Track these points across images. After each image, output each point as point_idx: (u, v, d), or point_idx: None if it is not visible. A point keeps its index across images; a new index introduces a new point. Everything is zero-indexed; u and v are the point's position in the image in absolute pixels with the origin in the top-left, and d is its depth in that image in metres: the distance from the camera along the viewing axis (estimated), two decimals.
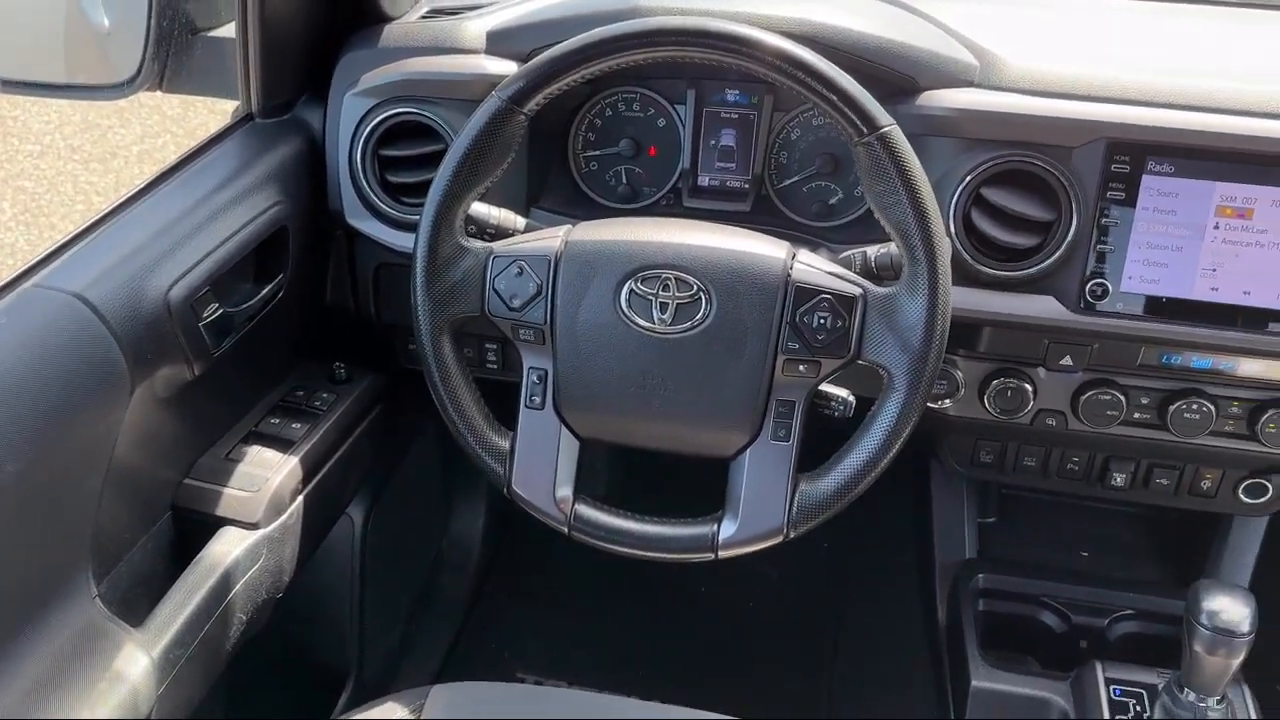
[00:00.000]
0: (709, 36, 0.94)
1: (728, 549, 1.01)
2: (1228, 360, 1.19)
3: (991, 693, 1.37)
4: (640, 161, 1.32)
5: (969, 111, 1.11)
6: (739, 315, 0.97)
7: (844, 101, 0.93)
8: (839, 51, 1.10)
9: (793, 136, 1.29)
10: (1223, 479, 1.34)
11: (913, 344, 0.95)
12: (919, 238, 0.94)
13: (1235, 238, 1.09)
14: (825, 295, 0.97)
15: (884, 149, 0.93)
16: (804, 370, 0.98)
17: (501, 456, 1.04)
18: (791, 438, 0.99)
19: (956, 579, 1.55)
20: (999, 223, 1.12)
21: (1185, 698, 1.17)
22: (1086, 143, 1.09)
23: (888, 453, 0.98)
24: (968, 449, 1.42)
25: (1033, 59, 1.17)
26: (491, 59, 1.24)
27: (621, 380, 1.00)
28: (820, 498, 0.99)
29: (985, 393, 1.27)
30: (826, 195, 1.29)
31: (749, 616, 1.95)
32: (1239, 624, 1.11)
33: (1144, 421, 1.25)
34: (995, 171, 1.11)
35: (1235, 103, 1.10)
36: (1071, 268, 1.12)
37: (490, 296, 1.02)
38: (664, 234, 1.00)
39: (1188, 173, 1.09)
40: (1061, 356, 1.22)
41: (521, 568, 2.03)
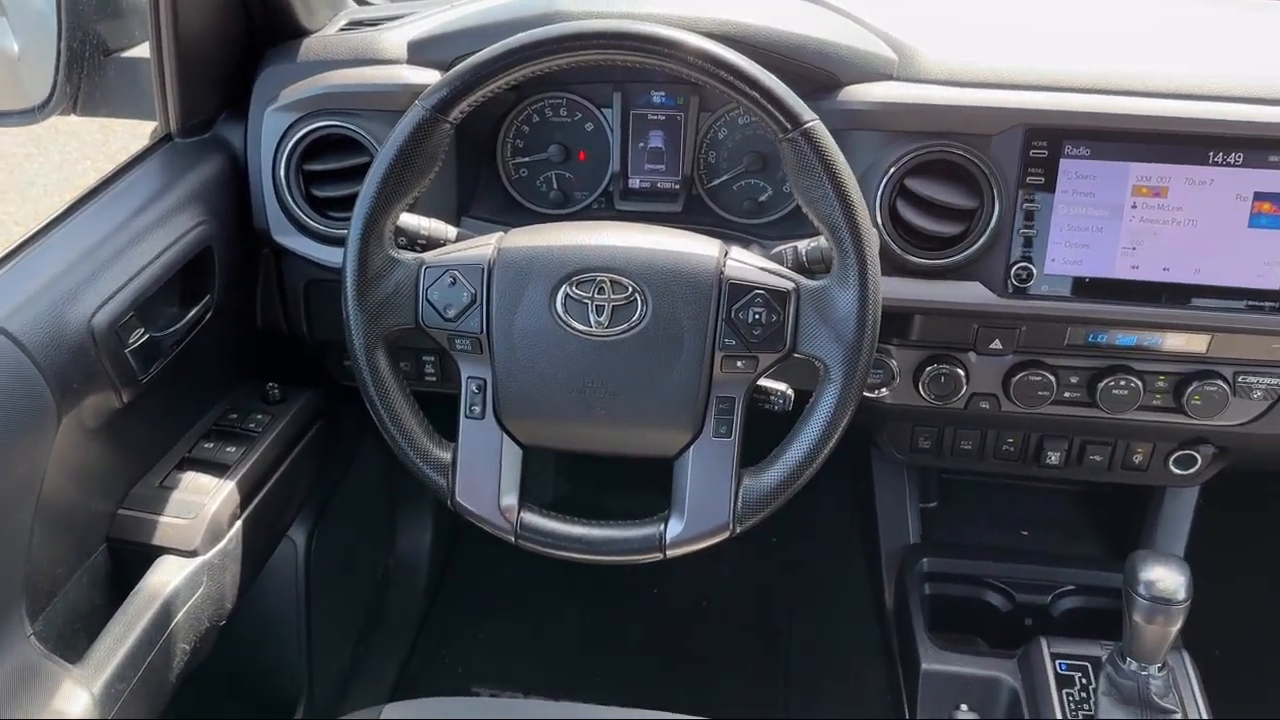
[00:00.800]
0: (631, 39, 0.94)
1: (676, 548, 1.01)
2: (1152, 336, 1.22)
3: (941, 674, 1.39)
4: (570, 166, 1.32)
5: (889, 104, 1.13)
6: (675, 315, 0.98)
7: (767, 99, 0.94)
8: (760, 50, 1.11)
9: (720, 136, 1.30)
10: (1153, 452, 1.37)
11: (846, 335, 0.97)
12: (847, 230, 0.95)
13: (1152, 216, 1.13)
14: (759, 291, 0.98)
15: (808, 144, 0.94)
16: (742, 366, 0.99)
17: (443, 468, 1.03)
18: (733, 434, 1.00)
19: (902, 564, 1.58)
20: (924, 212, 1.14)
21: (1128, 667, 1.20)
22: (1004, 130, 1.11)
23: (827, 443, 0.99)
24: (906, 436, 1.44)
25: (950, 50, 1.19)
26: (414, 69, 1.23)
27: (561, 385, 0.99)
28: (764, 491, 1.00)
29: (920, 379, 1.29)
30: (756, 192, 1.31)
31: (702, 615, 1.96)
32: (1175, 592, 1.14)
33: (1074, 400, 1.28)
34: (918, 162, 1.13)
35: (1147, 85, 1.13)
36: (996, 253, 1.15)
37: (424, 308, 1.01)
38: (597, 237, 1.00)
39: (1104, 155, 1.12)
40: (991, 340, 1.24)
41: (471, 581, 2.02)
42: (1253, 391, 1.24)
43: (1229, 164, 1.10)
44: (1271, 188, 1.10)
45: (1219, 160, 1.10)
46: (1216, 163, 1.10)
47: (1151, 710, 1.19)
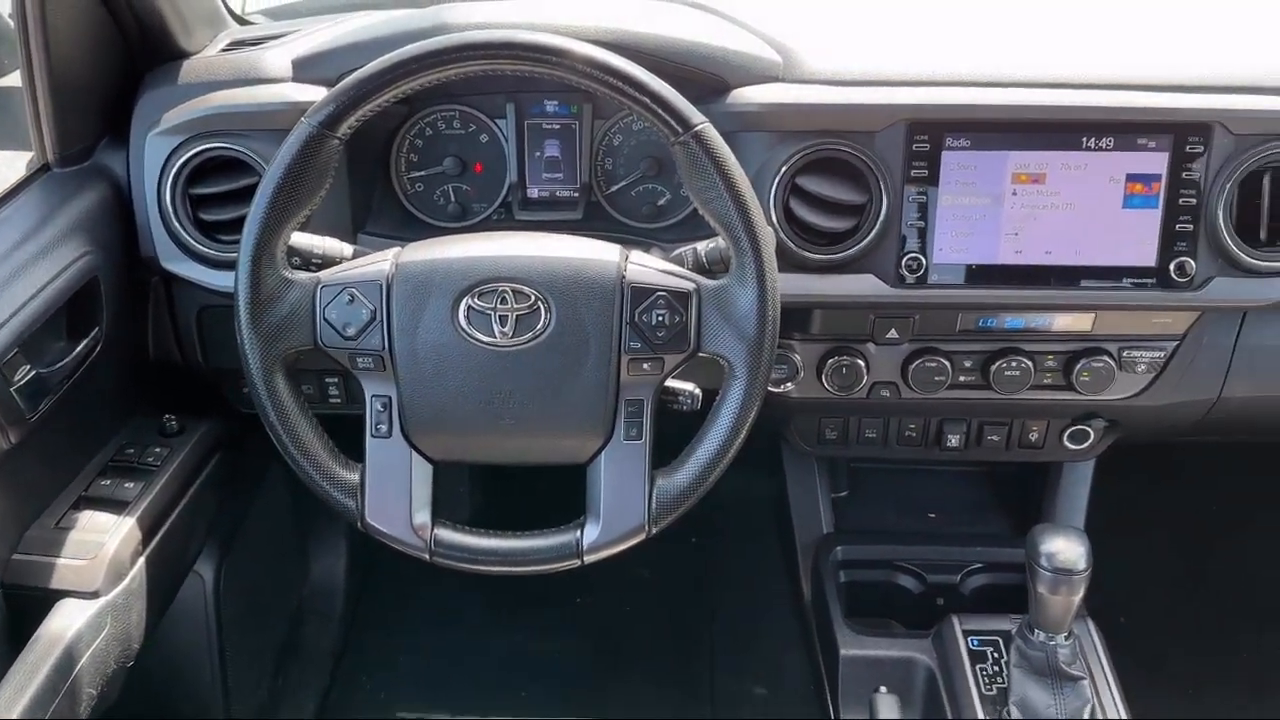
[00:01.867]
0: (518, 48, 0.94)
1: (593, 553, 1.02)
2: (1039, 317, 1.27)
3: (860, 659, 1.42)
4: (467, 178, 1.32)
5: (776, 106, 1.15)
6: (579, 321, 0.98)
7: (657, 104, 0.96)
8: (648, 56, 1.13)
9: (615, 142, 1.31)
10: (1048, 429, 1.43)
11: (748, 332, 0.98)
12: (742, 229, 0.97)
13: (1032, 202, 1.17)
14: (661, 293, 0.99)
15: (700, 147, 0.96)
16: (648, 368, 1.00)
17: (352, 490, 1.01)
18: (644, 436, 1.01)
19: (817, 554, 1.60)
20: (817, 209, 1.17)
21: (1036, 638, 1.24)
22: (887, 126, 1.14)
23: (736, 439, 1.00)
24: (813, 428, 1.47)
25: (833, 51, 1.22)
26: (299, 86, 1.21)
27: (469, 398, 0.99)
28: (677, 491, 1.01)
29: (823, 372, 1.32)
30: (655, 197, 1.32)
31: (627, 620, 1.97)
32: (1075, 563, 1.18)
33: (969, 383, 1.32)
34: (808, 160, 1.15)
35: (1022, 77, 1.18)
36: (887, 245, 1.18)
37: (322, 328, 0.99)
38: (497, 247, 1.00)
39: (983, 145, 1.16)
40: (887, 330, 1.28)
41: (391, 604, 1.98)
42: (1137, 365, 1.30)
43: (1101, 149, 1.15)
44: (1142, 169, 1.15)
45: (1092, 145, 1.15)
46: (1090, 148, 1.15)
47: (1061, 678, 1.23)
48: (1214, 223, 1.15)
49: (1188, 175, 1.14)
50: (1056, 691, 1.22)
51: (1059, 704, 1.22)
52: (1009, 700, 1.24)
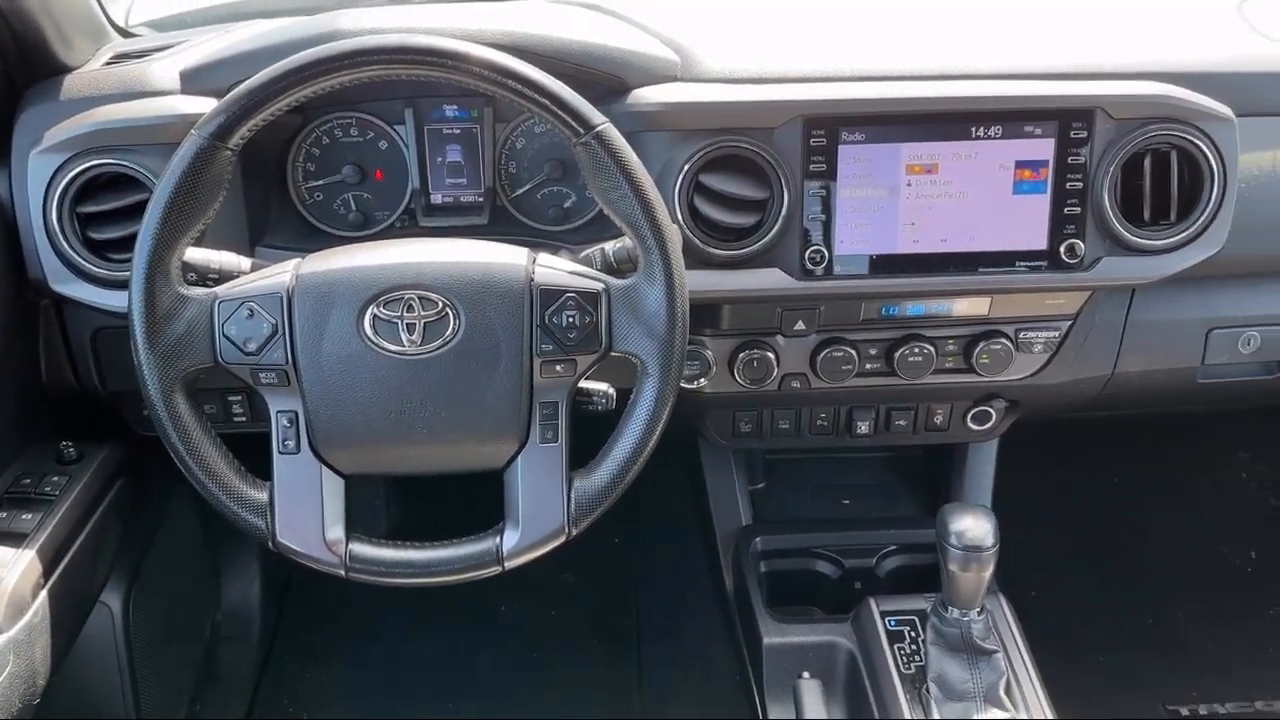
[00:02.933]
0: (414, 53, 0.94)
1: (514, 558, 1.01)
2: (939, 303, 1.31)
3: (782, 646, 1.44)
4: (367, 186, 1.30)
5: (676, 105, 1.16)
6: (489, 325, 0.98)
7: (557, 105, 0.96)
8: (546, 58, 1.13)
9: (518, 146, 1.31)
10: (952, 412, 1.47)
11: (658, 330, 0.99)
12: (648, 228, 0.98)
13: (927, 192, 1.20)
14: (570, 294, 0.99)
15: (601, 147, 0.96)
16: (561, 370, 1.00)
17: (260, 509, 0.99)
18: (560, 438, 1.01)
19: (737, 546, 1.62)
20: (720, 206, 1.18)
21: (950, 615, 1.28)
22: (785, 122, 1.16)
23: (652, 436, 1.01)
24: (728, 422, 1.49)
25: (730, 50, 1.24)
26: (188, 98, 1.18)
27: (378, 409, 0.97)
28: (595, 491, 1.01)
29: (734, 366, 1.34)
30: (561, 199, 1.32)
31: (552, 625, 1.96)
32: (983, 539, 1.22)
33: (875, 370, 1.36)
34: (709, 158, 1.16)
35: (912, 69, 1.21)
36: (790, 239, 1.20)
37: (222, 344, 0.97)
38: (400, 254, 0.99)
39: (878, 139, 1.18)
40: (795, 323, 1.30)
41: (310, 623, 1.94)
42: (1033, 346, 1.35)
43: (990, 137, 1.18)
44: (1030, 156, 1.19)
45: (981, 134, 1.18)
46: (979, 137, 1.18)
47: (976, 652, 1.27)
48: (1100, 205, 1.19)
49: (1073, 160, 1.18)
50: (972, 665, 1.26)
51: (975, 678, 1.26)
52: (927, 677, 1.27)
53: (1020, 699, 1.27)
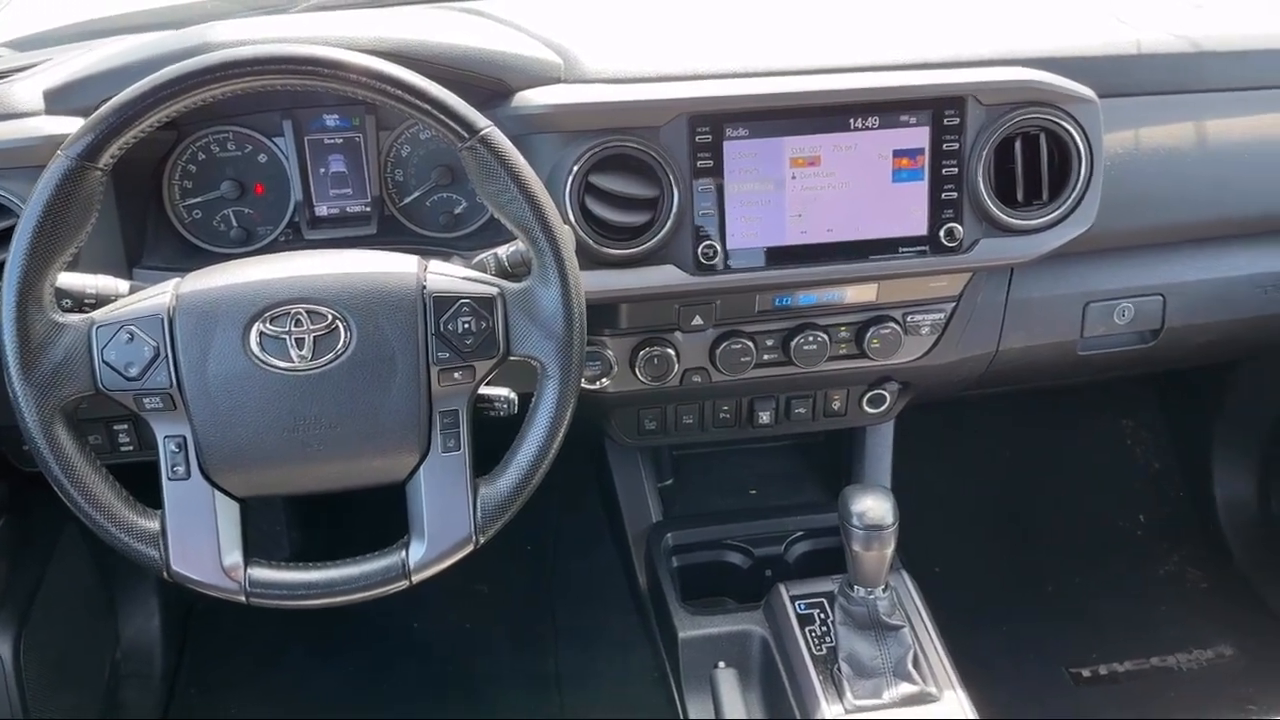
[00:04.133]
0: (289, 62, 0.92)
1: (421, 571, 1.00)
2: (829, 292, 1.33)
3: (698, 639, 1.45)
4: (248, 201, 1.27)
5: (561, 106, 1.16)
6: (382, 336, 0.96)
7: (440, 110, 0.95)
8: (426, 63, 1.11)
9: (404, 153, 1.29)
10: (848, 397, 1.50)
11: (556, 331, 0.99)
12: (540, 230, 0.98)
13: (811, 184, 1.23)
14: (464, 300, 0.98)
15: (487, 150, 0.96)
16: (460, 377, 0.99)
17: (153, 539, 0.96)
18: (462, 446, 1.00)
19: (648, 543, 1.63)
20: (612, 205, 1.18)
21: (856, 594, 1.31)
22: (670, 120, 1.17)
23: (555, 438, 1.01)
24: (633, 420, 1.50)
25: (613, 51, 1.25)
26: (53, 119, 1.13)
27: (271, 428, 0.95)
28: (501, 497, 1.00)
29: (635, 364, 1.34)
30: (451, 206, 1.31)
31: (468, 638, 1.94)
32: (883, 518, 1.26)
33: (772, 361, 1.38)
34: (598, 158, 1.16)
35: (792, 65, 1.23)
36: (682, 235, 1.21)
37: (102, 370, 0.93)
38: (285, 268, 0.97)
39: (761, 133, 1.20)
40: (692, 318, 1.32)
41: (213, 655, 1.88)
42: (921, 328, 1.39)
43: (868, 128, 1.21)
44: (907, 144, 1.22)
45: (859, 125, 1.21)
46: (858, 128, 1.21)
47: (883, 629, 1.30)
48: (975, 189, 1.23)
49: (948, 147, 1.22)
50: (880, 642, 1.30)
51: (884, 654, 1.29)
52: (838, 657, 1.30)
53: (928, 671, 1.31)
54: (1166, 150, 1.36)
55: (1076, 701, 1.83)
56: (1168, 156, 1.36)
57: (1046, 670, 1.88)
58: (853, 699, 1.27)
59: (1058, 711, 1.80)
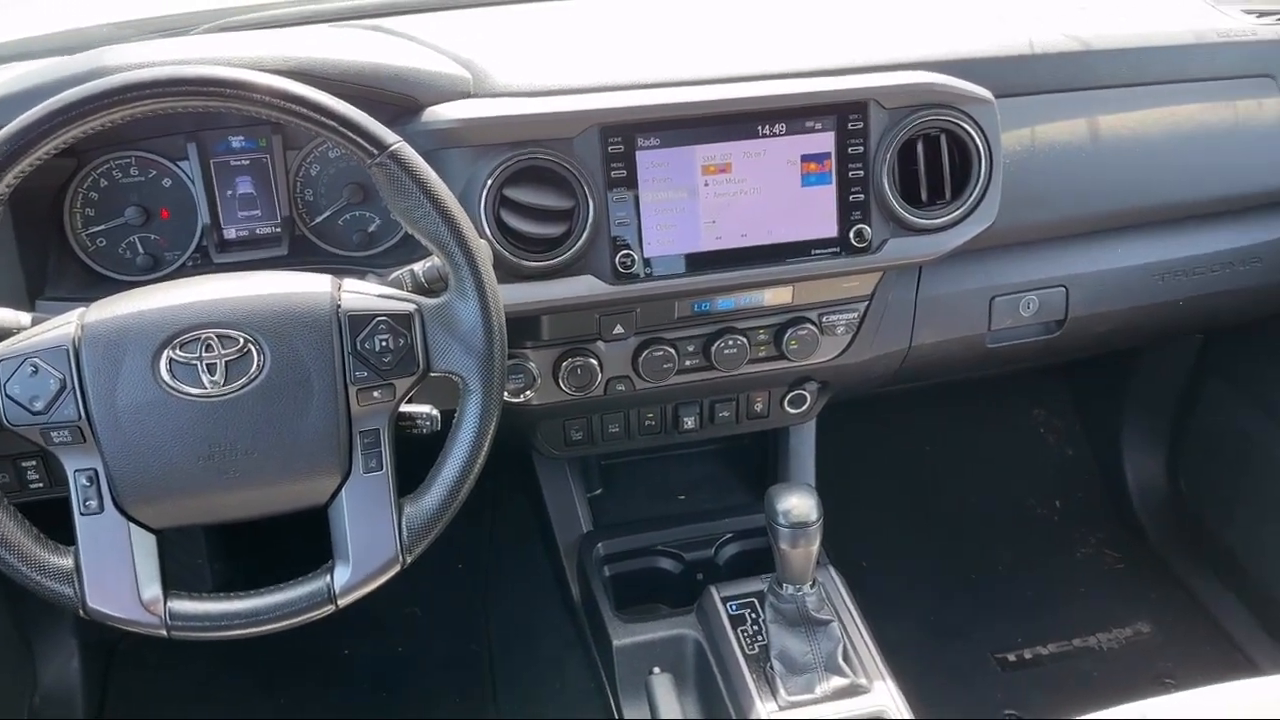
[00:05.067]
0: (190, 83, 0.90)
1: (348, 594, 0.99)
2: (746, 296, 1.35)
3: (632, 646, 1.46)
4: (154, 227, 1.24)
5: (471, 120, 1.16)
6: (297, 358, 0.95)
7: (347, 127, 0.94)
8: (333, 81, 1.11)
9: (313, 172, 1.28)
10: (770, 398, 1.53)
11: (476, 345, 0.99)
12: (455, 244, 0.97)
13: (723, 190, 1.24)
14: (381, 317, 0.97)
15: (398, 166, 0.95)
16: (379, 396, 0.98)
17: (66, 576, 0.93)
18: (384, 466, 0.99)
19: (580, 554, 1.63)
20: (528, 218, 1.18)
21: (785, 591, 1.33)
22: (582, 132, 1.18)
23: (480, 453, 1.00)
24: (559, 432, 1.50)
25: (522, 64, 1.25)
26: None
27: (186, 457, 0.93)
28: (427, 516, 1.00)
29: (559, 375, 1.35)
30: (365, 224, 1.30)
31: (402, 663, 1.92)
32: (808, 515, 1.28)
33: (695, 366, 1.40)
34: (512, 171, 1.17)
35: (700, 74, 1.25)
36: (600, 246, 1.22)
37: (6, 405, 0.90)
38: (193, 293, 0.95)
39: (673, 142, 1.22)
40: (613, 327, 1.32)
41: (139, 695, 1.83)
42: (836, 328, 1.42)
43: (775, 134, 1.24)
44: (814, 149, 1.25)
45: (767, 132, 1.23)
46: (766, 135, 1.23)
47: (812, 624, 1.32)
48: (881, 191, 1.26)
49: (853, 150, 1.25)
50: (810, 637, 1.32)
51: (814, 649, 1.31)
52: (770, 655, 1.32)
53: (857, 663, 1.34)
54: (1061, 146, 1.41)
55: (1004, 685, 1.88)
56: (1063, 152, 1.41)
57: (973, 656, 1.93)
58: (786, 696, 1.29)
59: (986, 696, 1.85)
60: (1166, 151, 1.47)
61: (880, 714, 1.28)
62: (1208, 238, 1.57)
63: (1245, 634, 1.94)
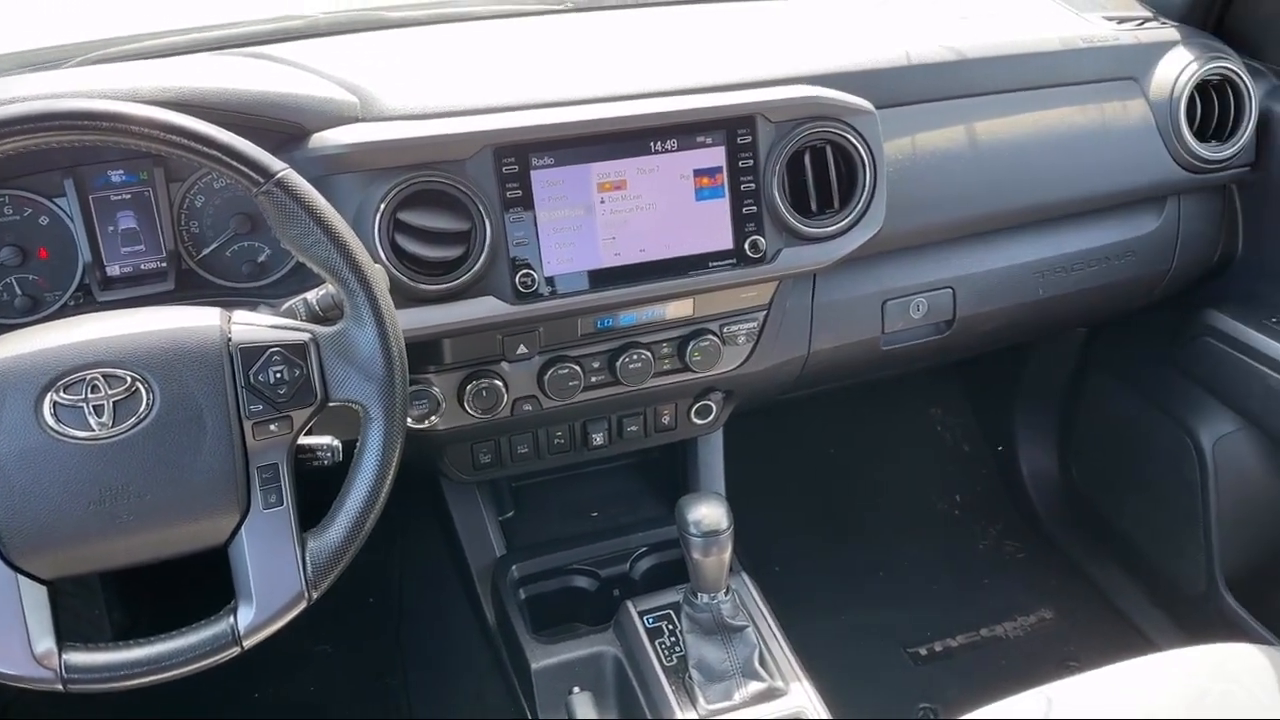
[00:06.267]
0: (63, 118, 0.87)
1: (253, 635, 0.96)
2: (648, 310, 1.36)
3: (551, 667, 1.45)
4: (32, 267, 1.19)
5: (360, 145, 1.15)
6: (188, 395, 0.92)
7: (231, 156, 0.93)
8: (214, 110, 1.09)
9: (198, 204, 1.25)
10: (677, 410, 1.54)
11: (375, 372, 0.97)
12: (348, 270, 0.96)
13: (619, 207, 1.26)
14: (275, 349, 0.95)
15: (285, 193, 0.94)
16: (276, 429, 0.96)
17: None
18: (285, 501, 0.97)
19: (494, 578, 1.62)
20: (424, 241, 1.17)
21: (700, 600, 1.34)
22: (475, 153, 1.18)
23: (384, 482, 0.99)
24: (466, 456, 1.48)
25: (413, 86, 1.24)
26: None
27: (75, 504, 0.89)
28: (332, 549, 0.98)
29: (464, 399, 1.34)
30: (254, 254, 1.27)
31: (313, 701, 1.87)
32: (719, 523, 1.30)
33: (601, 382, 1.40)
34: (404, 195, 1.15)
35: (592, 93, 1.26)
36: (499, 266, 1.21)
37: None
38: (75, 333, 0.92)
39: (567, 160, 1.22)
40: (517, 347, 1.32)
41: None
42: (737, 338, 1.44)
43: (668, 150, 1.25)
44: (706, 164, 1.27)
45: (660, 148, 1.25)
46: (658, 151, 1.25)
47: (728, 631, 1.34)
48: (772, 202, 1.29)
49: (743, 164, 1.27)
50: (727, 644, 1.33)
51: (731, 656, 1.32)
52: (689, 665, 1.33)
53: (774, 667, 1.35)
54: (941, 152, 1.46)
55: (917, 679, 1.92)
56: (943, 158, 1.46)
57: (886, 652, 1.97)
58: (705, 704, 1.30)
59: (901, 691, 1.89)
60: (1041, 154, 1.53)
61: (798, 715, 1.30)
62: (1083, 235, 1.64)
63: (1141, 613, 2.02)
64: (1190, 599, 1.90)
